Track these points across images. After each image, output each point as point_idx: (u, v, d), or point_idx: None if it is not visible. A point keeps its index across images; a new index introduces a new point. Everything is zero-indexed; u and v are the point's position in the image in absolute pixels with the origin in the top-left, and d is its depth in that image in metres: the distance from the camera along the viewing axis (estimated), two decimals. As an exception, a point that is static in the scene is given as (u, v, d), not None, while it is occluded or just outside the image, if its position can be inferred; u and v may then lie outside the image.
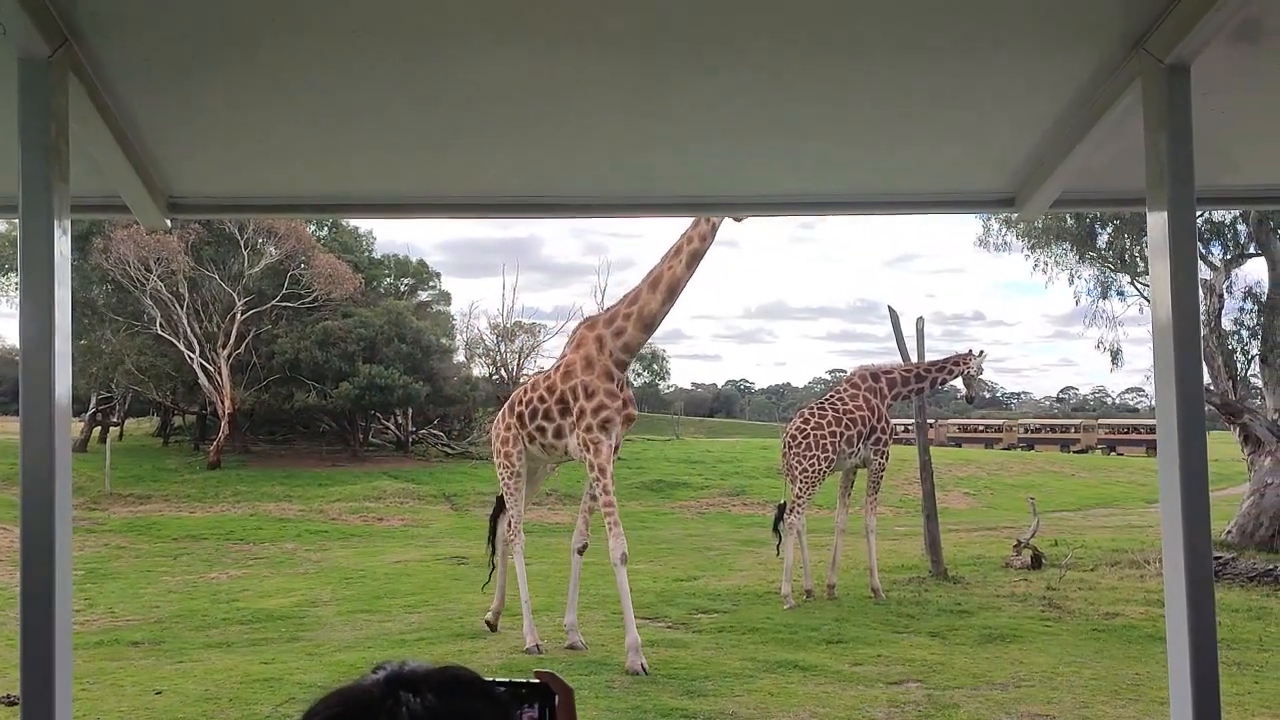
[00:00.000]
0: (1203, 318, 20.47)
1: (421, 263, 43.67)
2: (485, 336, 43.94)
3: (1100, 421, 62.71)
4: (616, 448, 11.05)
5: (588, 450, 10.68)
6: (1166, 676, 1.77)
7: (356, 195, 2.47)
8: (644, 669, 9.58)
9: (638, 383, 60.71)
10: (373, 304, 36.42)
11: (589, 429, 10.66)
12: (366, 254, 40.41)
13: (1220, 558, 15.16)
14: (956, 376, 14.71)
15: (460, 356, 42.57)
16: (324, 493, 27.93)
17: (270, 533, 22.51)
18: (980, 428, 62.39)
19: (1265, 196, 2.40)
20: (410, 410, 36.62)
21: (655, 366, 60.28)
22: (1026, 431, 61.02)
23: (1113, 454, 51.42)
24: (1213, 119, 1.97)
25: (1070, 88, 1.90)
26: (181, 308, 32.63)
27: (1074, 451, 52.97)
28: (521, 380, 45.13)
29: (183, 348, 32.65)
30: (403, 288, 42.33)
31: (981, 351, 14.74)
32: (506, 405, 11.95)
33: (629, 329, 10.64)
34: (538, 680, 1.03)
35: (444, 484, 30.28)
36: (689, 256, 10.15)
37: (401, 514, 26.03)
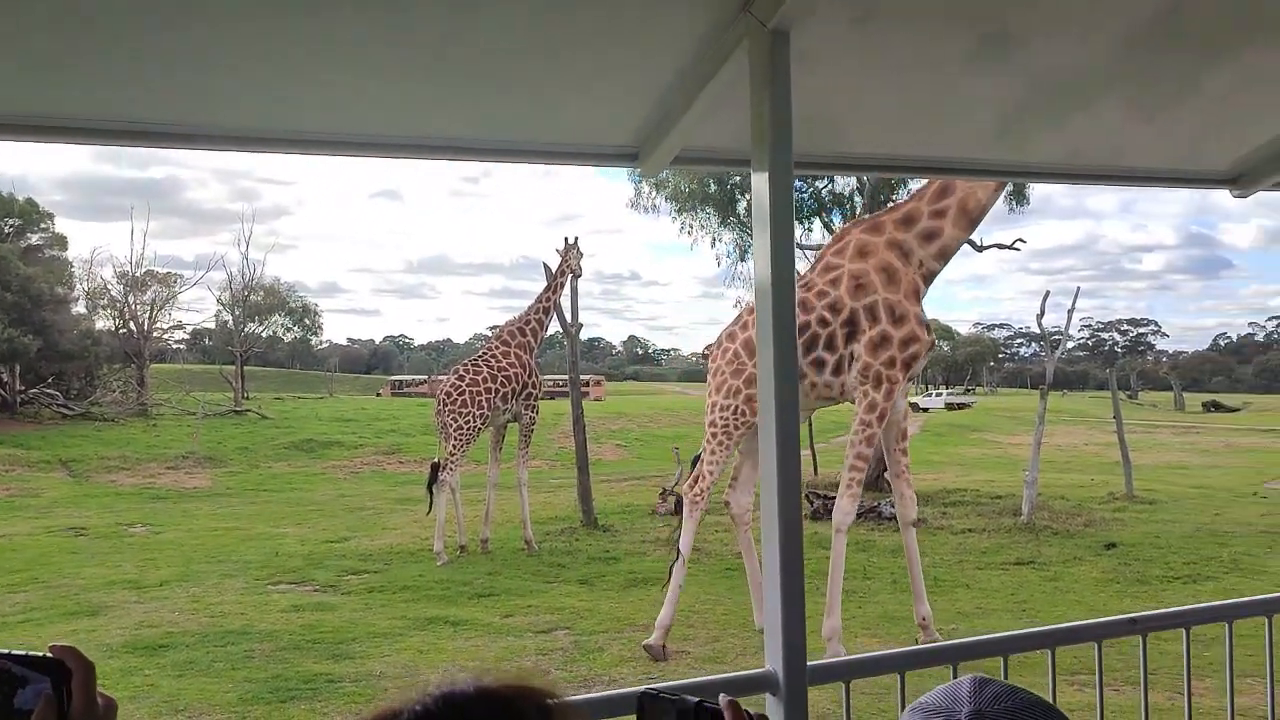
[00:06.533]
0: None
1: (30, 201, 38.61)
2: (111, 286, 40.05)
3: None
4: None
5: (877, 388, 8.25)
6: None
7: None
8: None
9: (287, 339, 57.71)
10: (-31, 246, 31.83)
11: (890, 362, 8.23)
12: (-39, 189, 35.17)
13: (834, 497, 16.90)
14: (568, 277, 15.19)
15: (80, 308, 38.48)
16: (-94, 462, 24.18)
17: None
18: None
19: (861, 164, 2.61)
20: (18, 367, 32.53)
21: (307, 321, 57.51)
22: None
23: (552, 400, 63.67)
24: (817, 88, 2.09)
25: (686, 46, 1.94)
26: None
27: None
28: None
29: None
30: (7, 229, 37.30)
31: (576, 239, 15.39)
32: (752, 333, 8.83)
33: (946, 228, 8.07)
34: (51, 655, 0.91)
35: (60, 448, 27.20)
36: None
37: (7, 483, 23.08)
